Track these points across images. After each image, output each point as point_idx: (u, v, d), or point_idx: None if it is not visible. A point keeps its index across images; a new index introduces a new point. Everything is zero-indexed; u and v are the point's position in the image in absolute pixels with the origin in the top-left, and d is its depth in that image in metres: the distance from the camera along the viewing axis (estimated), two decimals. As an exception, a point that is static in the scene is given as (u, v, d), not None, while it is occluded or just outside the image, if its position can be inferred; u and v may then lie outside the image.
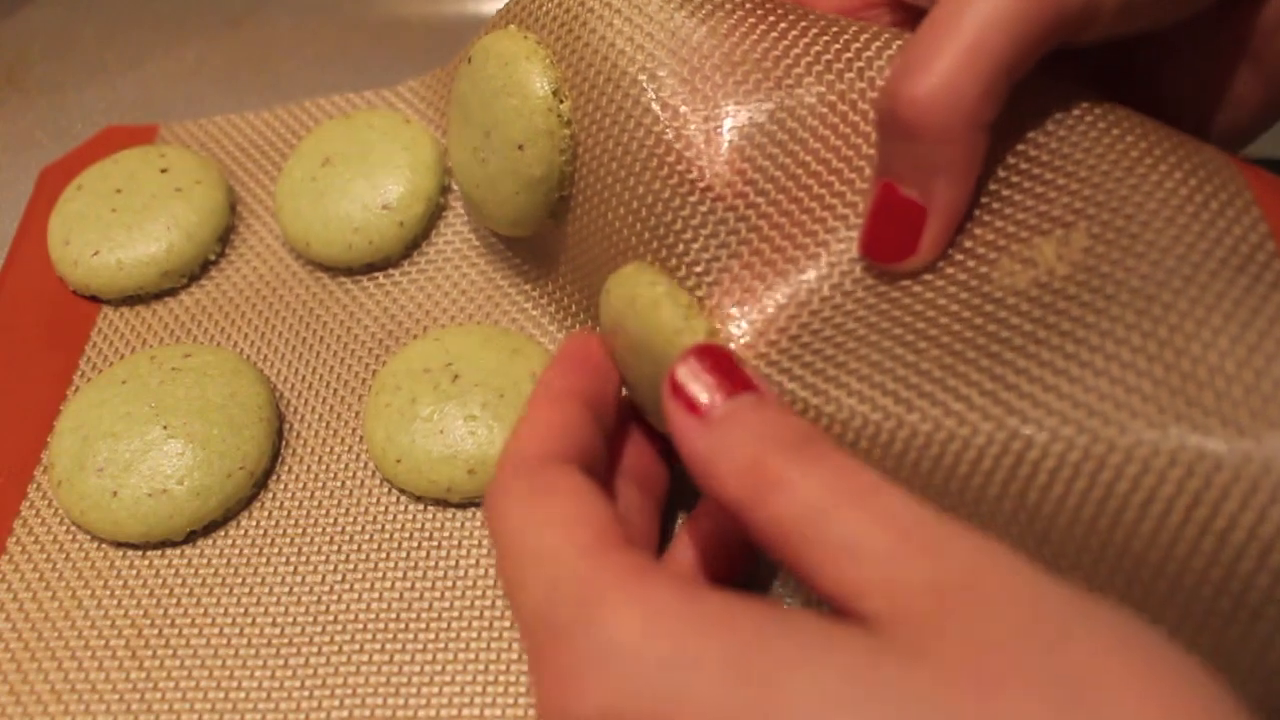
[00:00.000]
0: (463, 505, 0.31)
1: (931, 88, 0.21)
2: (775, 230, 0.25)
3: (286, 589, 0.30)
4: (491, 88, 0.30)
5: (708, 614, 0.17)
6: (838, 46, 0.26)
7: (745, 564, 0.27)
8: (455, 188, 0.38)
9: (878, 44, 0.26)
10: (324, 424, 0.33)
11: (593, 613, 0.18)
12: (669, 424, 0.21)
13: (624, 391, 0.27)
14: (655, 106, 0.27)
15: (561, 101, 0.29)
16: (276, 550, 0.30)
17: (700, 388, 0.21)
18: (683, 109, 0.26)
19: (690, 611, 0.17)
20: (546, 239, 0.33)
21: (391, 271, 0.37)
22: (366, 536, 0.31)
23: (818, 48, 0.26)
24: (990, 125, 0.22)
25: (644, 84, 0.27)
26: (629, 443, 0.28)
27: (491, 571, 0.30)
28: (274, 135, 0.41)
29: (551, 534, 0.20)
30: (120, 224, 0.36)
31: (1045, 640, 0.16)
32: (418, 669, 0.28)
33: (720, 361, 0.22)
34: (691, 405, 0.21)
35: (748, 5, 0.27)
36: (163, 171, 0.38)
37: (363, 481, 0.32)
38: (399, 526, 0.31)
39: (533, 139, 0.29)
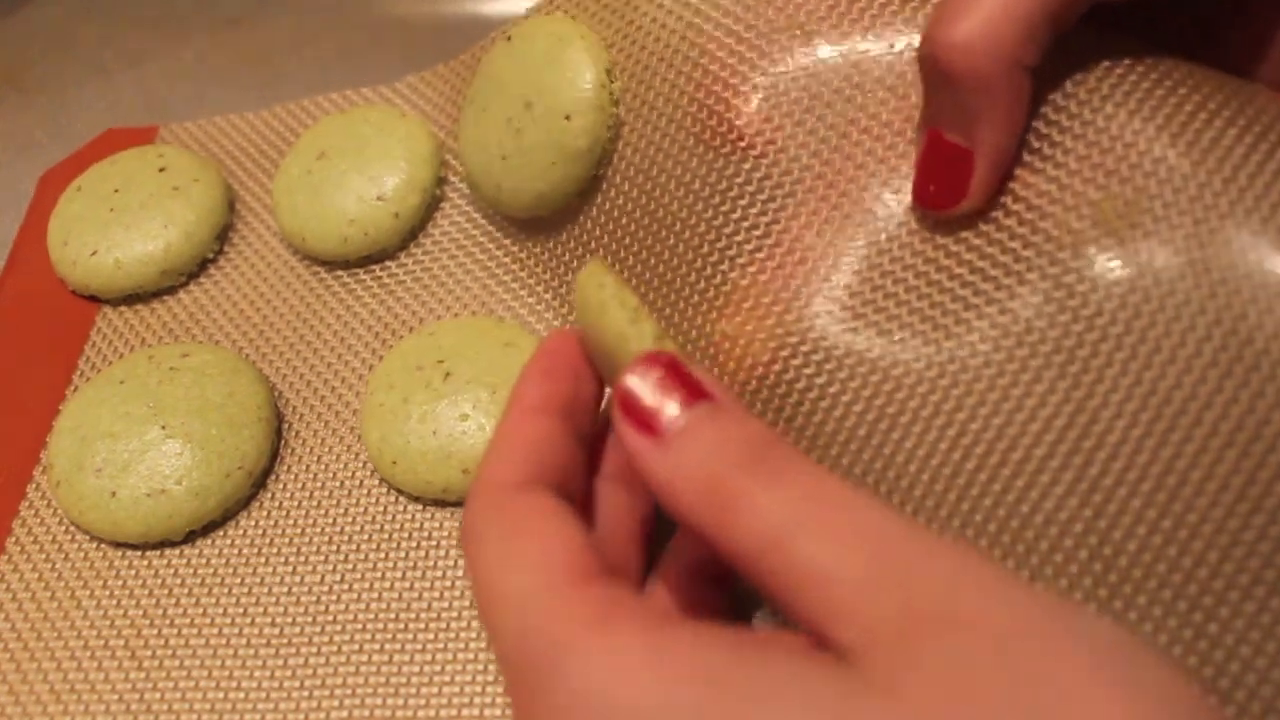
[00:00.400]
0: (460, 504, 0.31)
1: (969, 33, 0.21)
2: (831, 189, 0.26)
3: (285, 589, 0.30)
4: (539, 61, 0.31)
5: (676, 655, 0.17)
6: (893, 7, 0.27)
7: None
8: (453, 179, 0.38)
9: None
10: (323, 423, 0.33)
11: (560, 661, 0.18)
12: (622, 442, 0.20)
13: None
14: (706, 79, 0.28)
15: (613, 81, 0.30)
16: (275, 550, 0.30)
17: (650, 399, 0.20)
18: (733, 79, 0.27)
19: (657, 653, 0.17)
20: (557, 224, 0.33)
21: (388, 264, 0.37)
22: (365, 536, 0.30)
23: (873, 10, 0.27)
24: (1031, 69, 0.22)
25: (694, 58, 0.28)
26: (612, 442, 0.27)
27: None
28: (272, 134, 0.41)
29: (521, 575, 0.19)
30: (118, 224, 0.36)
31: (1023, 666, 0.16)
32: (417, 669, 0.28)
33: (670, 369, 0.20)
34: (642, 421, 0.20)
35: None
36: (160, 171, 0.38)
37: (361, 481, 0.32)
38: (398, 526, 0.31)
39: (582, 110, 0.30)
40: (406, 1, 0.49)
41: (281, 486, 0.32)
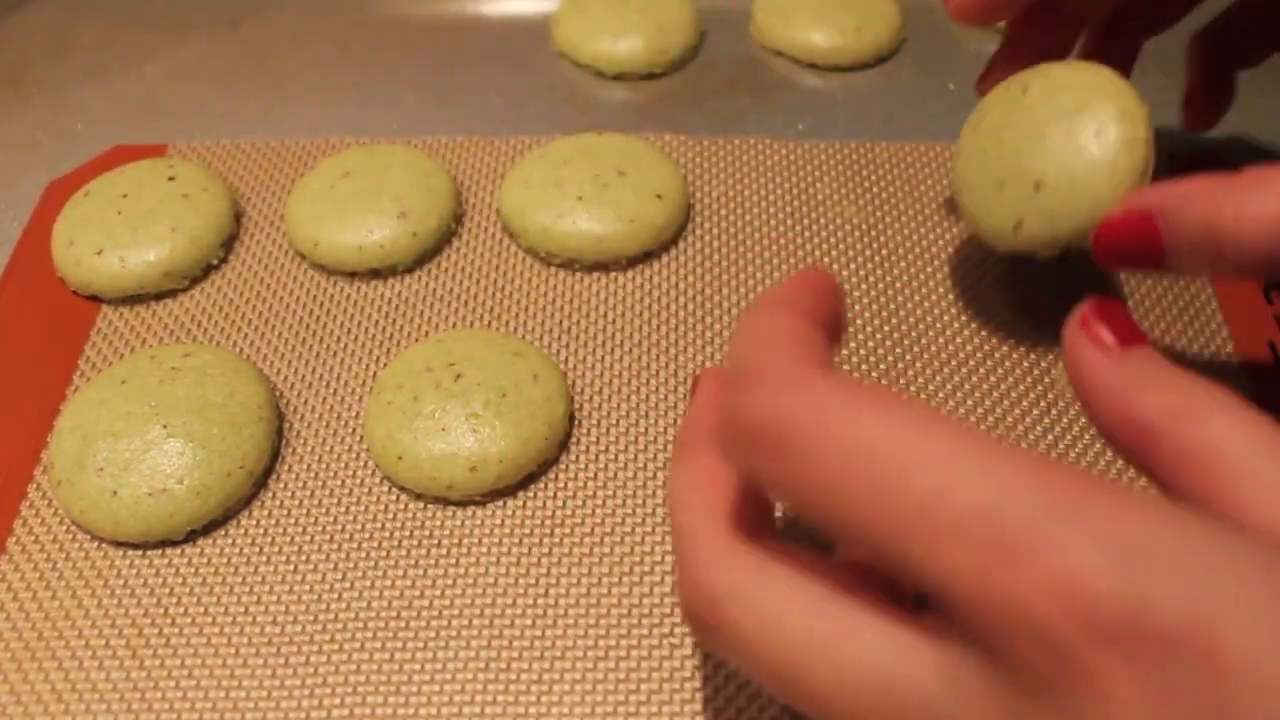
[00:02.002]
0: (463, 503, 0.31)
1: None
2: None
3: (287, 588, 0.30)
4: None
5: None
6: None
7: None
8: (466, 223, 0.39)
9: None
10: (324, 423, 0.33)
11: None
12: (1070, 355, 0.21)
13: None
14: None
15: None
16: (277, 549, 0.30)
17: (1119, 320, 0.21)
18: None
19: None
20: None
21: (395, 280, 0.37)
22: (367, 535, 0.31)
23: None
24: None
25: None
26: None
27: (492, 568, 0.30)
28: (282, 162, 0.41)
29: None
30: (125, 225, 0.37)
31: None
32: (418, 667, 0.28)
33: (1118, 313, 0.22)
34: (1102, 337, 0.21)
35: None
36: (170, 179, 0.39)
37: (363, 480, 0.32)
38: (399, 525, 0.31)
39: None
40: (406, 1, 0.49)
41: (282, 486, 0.32)
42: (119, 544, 0.30)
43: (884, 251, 0.38)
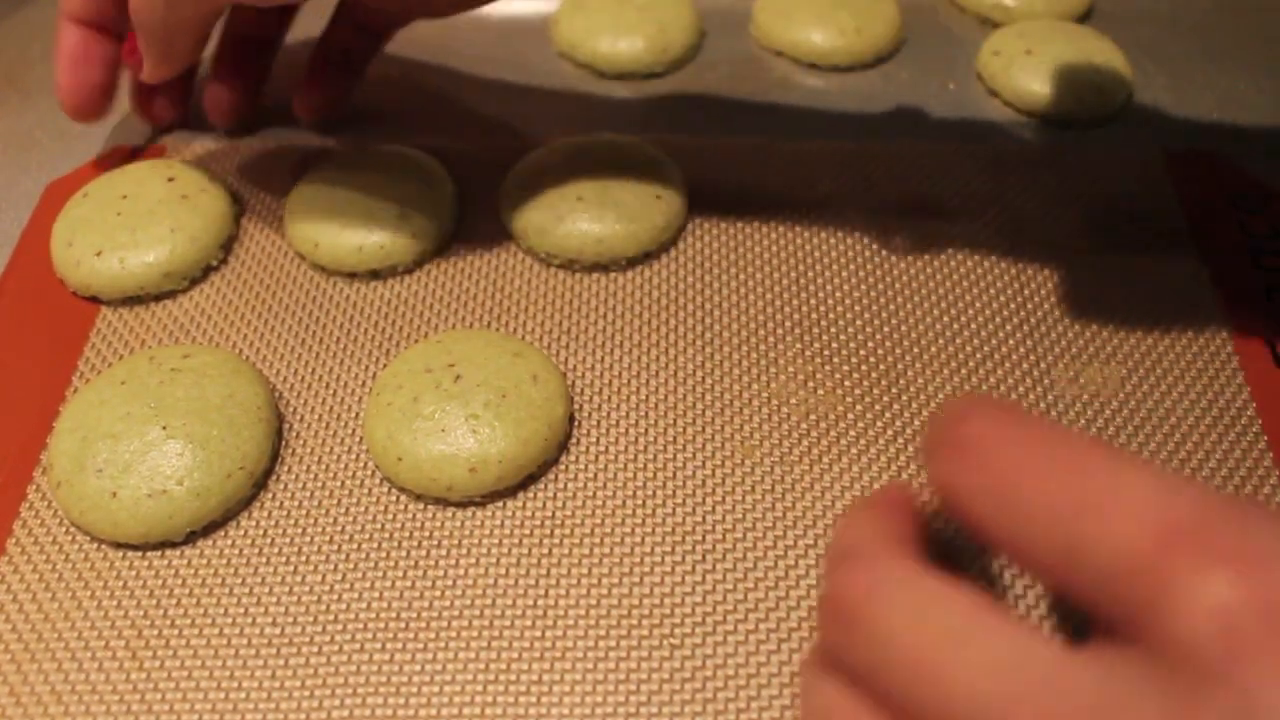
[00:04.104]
0: (463, 504, 0.31)
1: None
2: None
3: (286, 589, 0.30)
4: None
5: None
6: None
7: None
8: (468, 217, 0.39)
9: None
10: (324, 424, 0.33)
11: None
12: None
13: None
14: None
15: None
16: (276, 550, 0.30)
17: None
18: None
19: None
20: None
21: (395, 281, 0.37)
22: (366, 536, 0.30)
23: None
24: None
25: None
26: None
27: (492, 569, 0.30)
28: (282, 162, 0.41)
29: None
30: (124, 226, 0.37)
31: None
32: (418, 668, 0.28)
33: None
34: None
35: None
36: (169, 180, 0.39)
37: (363, 481, 0.32)
38: (399, 526, 0.31)
39: None
40: (406, 2, 0.49)
41: (282, 487, 0.32)
42: (118, 545, 0.30)
43: (884, 252, 0.38)
